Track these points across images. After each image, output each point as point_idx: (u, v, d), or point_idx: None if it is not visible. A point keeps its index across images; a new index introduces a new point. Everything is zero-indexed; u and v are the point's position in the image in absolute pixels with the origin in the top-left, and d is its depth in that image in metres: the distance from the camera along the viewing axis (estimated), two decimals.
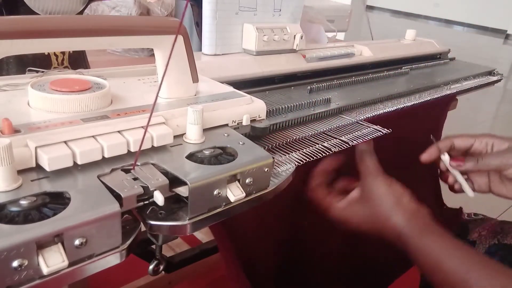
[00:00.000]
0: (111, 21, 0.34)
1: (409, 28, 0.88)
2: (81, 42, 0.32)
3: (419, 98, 0.60)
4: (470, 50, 4.73)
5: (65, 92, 0.33)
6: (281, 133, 0.44)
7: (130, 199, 0.27)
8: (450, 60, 0.88)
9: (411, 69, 0.75)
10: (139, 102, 0.37)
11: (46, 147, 0.27)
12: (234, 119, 0.39)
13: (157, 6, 0.97)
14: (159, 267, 0.44)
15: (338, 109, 0.51)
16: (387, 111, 0.54)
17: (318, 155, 0.41)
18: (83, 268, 0.25)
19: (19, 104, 0.34)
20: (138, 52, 0.96)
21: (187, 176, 0.29)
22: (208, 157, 0.33)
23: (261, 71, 0.56)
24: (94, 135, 0.30)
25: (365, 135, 0.47)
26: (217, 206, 0.31)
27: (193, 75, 0.39)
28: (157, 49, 0.37)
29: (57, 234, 0.23)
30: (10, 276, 0.22)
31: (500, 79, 0.82)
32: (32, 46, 0.29)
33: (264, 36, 0.58)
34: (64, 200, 0.26)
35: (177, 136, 0.35)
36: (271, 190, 0.35)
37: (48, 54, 0.57)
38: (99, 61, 0.84)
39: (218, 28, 0.56)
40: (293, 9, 0.64)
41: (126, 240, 0.27)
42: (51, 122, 0.31)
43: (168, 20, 0.37)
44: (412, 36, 0.87)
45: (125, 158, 0.31)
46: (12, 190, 0.26)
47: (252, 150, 0.35)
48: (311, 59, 0.63)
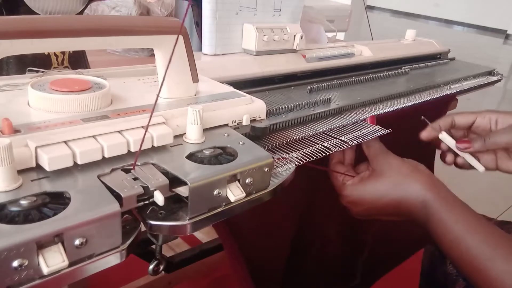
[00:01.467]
0: (111, 21, 0.34)
1: (409, 28, 0.88)
2: (81, 42, 0.32)
3: (419, 98, 0.60)
4: (470, 50, 4.73)
5: (65, 92, 0.33)
6: (281, 133, 0.44)
7: (130, 199, 0.27)
8: (450, 60, 0.88)
9: (411, 69, 0.75)
10: (139, 102, 0.37)
11: (46, 147, 0.27)
12: (234, 119, 0.39)
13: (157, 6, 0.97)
14: (159, 267, 0.44)
15: (338, 109, 0.51)
16: (387, 111, 0.54)
17: (318, 155, 0.41)
18: (83, 268, 0.25)
19: (19, 104, 0.34)
20: (138, 52, 0.96)
21: (187, 176, 0.29)
22: (208, 157, 0.33)
23: (261, 71, 0.56)
24: (94, 135, 0.30)
25: (365, 135, 0.47)
26: (217, 206, 0.31)
27: (193, 75, 0.39)
28: (157, 49, 0.37)
29: (57, 234, 0.23)
30: (10, 276, 0.22)
31: (500, 79, 0.82)
32: (32, 46, 0.29)
33: (264, 36, 0.58)
34: (64, 200, 0.26)
35: (177, 136, 0.35)
36: (271, 190, 0.35)
37: (48, 54, 0.57)
38: (99, 61, 0.84)
39: (218, 28, 0.56)
40: (293, 9, 0.64)
41: (126, 240, 0.27)
42: (51, 122, 0.31)
43: (168, 20, 0.37)
44: (412, 36, 0.87)
45: (125, 158, 0.31)
46: (12, 190, 0.26)
47: (252, 150, 0.35)
48: (311, 59, 0.63)
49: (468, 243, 0.40)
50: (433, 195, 0.43)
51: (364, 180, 0.47)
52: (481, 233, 0.40)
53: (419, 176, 0.44)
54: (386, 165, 0.46)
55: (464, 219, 0.41)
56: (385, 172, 0.46)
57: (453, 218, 0.41)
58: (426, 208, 0.43)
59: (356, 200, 0.47)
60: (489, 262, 0.39)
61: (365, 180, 0.47)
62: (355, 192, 0.47)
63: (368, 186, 0.47)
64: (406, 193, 0.44)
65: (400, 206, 0.45)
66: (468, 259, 0.40)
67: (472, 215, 0.42)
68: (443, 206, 0.42)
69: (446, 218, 0.41)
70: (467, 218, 0.41)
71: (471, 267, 0.40)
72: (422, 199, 0.43)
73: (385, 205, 0.46)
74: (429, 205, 0.42)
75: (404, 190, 0.44)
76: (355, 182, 0.48)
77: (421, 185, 0.43)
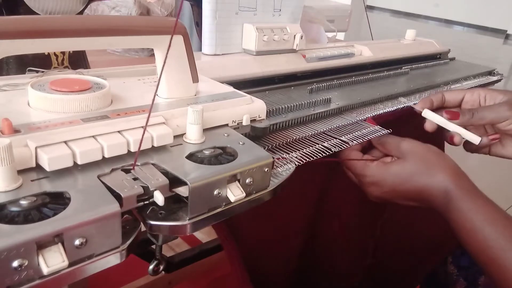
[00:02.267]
0: (111, 21, 0.34)
1: (409, 28, 0.88)
2: (81, 42, 0.32)
3: (419, 98, 0.60)
4: (470, 50, 4.73)
5: (65, 92, 0.33)
6: (281, 133, 0.44)
7: (130, 199, 0.27)
8: (450, 60, 0.88)
9: (411, 69, 0.75)
10: (139, 102, 0.37)
11: (46, 147, 0.27)
12: (234, 119, 0.39)
13: (157, 6, 0.97)
14: (159, 267, 0.44)
15: (338, 109, 0.51)
16: (387, 111, 0.54)
17: (318, 155, 0.41)
18: (83, 268, 0.25)
19: (19, 104, 0.34)
20: (138, 52, 0.96)
21: (187, 176, 0.29)
22: (208, 157, 0.33)
23: (261, 71, 0.56)
24: (94, 135, 0.30)
25: (365, 135, 0.47)
26: (217, 206, 0.31)
27: (193, 75, 0.39)
28: (157, 49, 0.37)
29: (57, 234, 0.23)
30: (10, 276, 0.22)
31: (500, 79, 0.82)
32: (32, 46, 0.29)
33: (264, 36, 0.58)
34: (64, 200, 0.26)
35: (177, 136, 0.35)
36: (271, 190, 0.35)
37: (48, 54, 0.57)
38: (99, 61, 0.84)
39: (218, 28, 0.56)
40: (293, 9, 0.64)
41: (126, 240, 0.27)
42: (51, 122, 0.31)
43: (168, 20, 0.37)
44: (412, 36, 0.87)
45: (125, 158, 0.31)
46: (12, 190, 0.26)
47: (252, 150, 0.35)
48: (311, 59, 0.63)
49: (486, 233, 0.40)
50: (456, 185, 0.43)
51: (387, 163, 0.47)
52: (500, 225, 0.40)
53: (444, 164, 0.44)
54: (412, 152, 0.46)
55: (484, 210, 0.41)
56: (411, 158, 0.45)
57: (473, 208, 0.41)
58: (448, 197, 0.43)
59: (378, 180, 0.47)
60: (504, 252, 0.39)
61: (388, 163, 0.47)
62: (378, 172, 0.46)
63: (393, 168, 0.46)
64: (430, 181, 0.44)
65: (422, 193, 0.45)
66: (484, 248, 0.40)
67: (493, 206, 0.42)
68: (464, 196, 0.42)
69: (466, 207, 0.41)
70: (488, 209, 0.41)
71: (486, 257, 0.40)
72: (445, 188, 0.43)
73: (406, 190, 0.45)
74: (451, 194, 0.42)
75: (429, 177, 0.44)
76: (379, 164, 0.47)
77: (445, 174, 0.43)
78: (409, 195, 0.46)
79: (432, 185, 0.44)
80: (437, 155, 0.45)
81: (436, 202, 0.44)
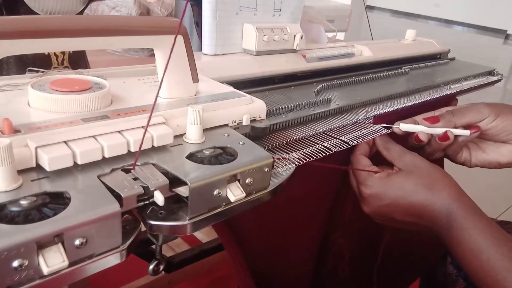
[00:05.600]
0: (111, 21, 0.34)
1: (409, 28, 0.88)
2: (81, 42, 0.32)
3: (419, 98, 0.60)
4: (470, 50, 4.73)
5: (65, 92, 0.33)
6: (281, 133, 0.44)
7: (130, 199, 0.27)
8: (450, 60, 0.88)
9: (411, 69, 0.75)
10: (139, 102, 0.37)
11: (46, 147, 0.27)
12: (234, 119, 0.39)
13: (157, 6, 0.97)
14: (159, 267, 0.44)
15: (338, 109, 0.52)
16: (387, 111, 0.54)
17: (318, 155, 0.41)
18: (83, 268, 0.25)
19: (19, 104, 0.34)
20: (138, 52, 0.96)
21: (187, 176, 0.29)
22: (208, 157, 0.33)
23: (261, 71, 0.56)
24: (94, 135, 0.30)
25: (365, 135, 0.47)
26: (217, 206, 0.31)
27: (193, 75, 0.39)
28: (157, 49, 0.37)
29: (57, 234, 0.23)
30: (10, 276, 0.22)
31: (500, 79, 0.82)
32: (32, 46, 0.29)
33: (264, 36, 0.58)
34: (64, 200, 0.26)
35: (177, 136, 0.35)
36: (271, 190, 0.35)
37: (48, 54, 0.57)
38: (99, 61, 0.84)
39: (218, 28, 0.56)
40: (293, 9, 0.64)
41: (126, 240, 0.27)
42: (51, 122, 0.31)
43: (168, 20, 0.37)
44: (412, 36, 0.87)
45: (125, 158, 0.31)
46: (12, 190, 0.26)
47: (252, 150, 0.35)
48: (311, 59, 0.63)
49: (490, 253, 0.40)
50: (460, 203, 0.42)
51: (391, 175, 0.46)
52: (505, 246, 0.40)
53: (448, 182, 0.44)
54: (415, 166, 0.45)
55: (489, 231, 0.41)
56: (415, 173, 0.45)
57: (478, 228, 0.41)
58: (451, 215, 0.42)
59: (379, 193, 0.45)
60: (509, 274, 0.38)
61: (392, 175, 0.46)
62: (380, 184, 0.45)
63: (396, 181, 0.45)
64: (433, 197, 0.43)
65: (424, 208, 0.44)
66: (488, 269, 0.39)
67: (496, 227, 0.41)
68: (469, 215, 0.42)
69: (470, 227, 0.41)
70: (492, 230, 0.41)
71: (489, 278, 0.40)
72: (448, 205, 0.42)
73: (408, 204, 0.44)
74: (454, 212, 0.42)
75: (432, 194, 0.43)
76: (382, 176, 0.46)
77: (449, 191, 0.43)
78: (409, 210, 0.44)
79: (435, 201, 0.43)
80: (441, 172, 0.45)
81: (437, 219, 0.43)
